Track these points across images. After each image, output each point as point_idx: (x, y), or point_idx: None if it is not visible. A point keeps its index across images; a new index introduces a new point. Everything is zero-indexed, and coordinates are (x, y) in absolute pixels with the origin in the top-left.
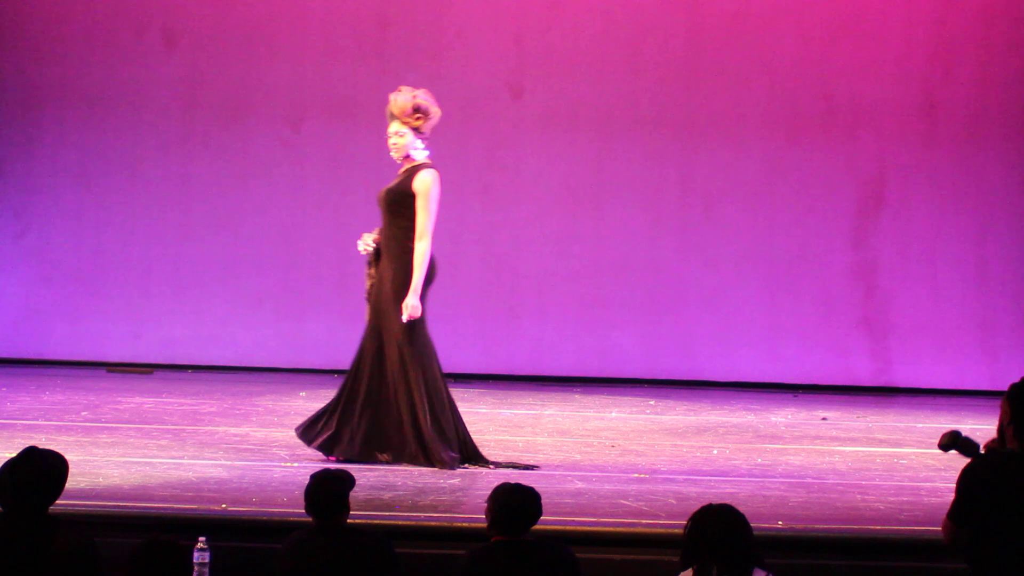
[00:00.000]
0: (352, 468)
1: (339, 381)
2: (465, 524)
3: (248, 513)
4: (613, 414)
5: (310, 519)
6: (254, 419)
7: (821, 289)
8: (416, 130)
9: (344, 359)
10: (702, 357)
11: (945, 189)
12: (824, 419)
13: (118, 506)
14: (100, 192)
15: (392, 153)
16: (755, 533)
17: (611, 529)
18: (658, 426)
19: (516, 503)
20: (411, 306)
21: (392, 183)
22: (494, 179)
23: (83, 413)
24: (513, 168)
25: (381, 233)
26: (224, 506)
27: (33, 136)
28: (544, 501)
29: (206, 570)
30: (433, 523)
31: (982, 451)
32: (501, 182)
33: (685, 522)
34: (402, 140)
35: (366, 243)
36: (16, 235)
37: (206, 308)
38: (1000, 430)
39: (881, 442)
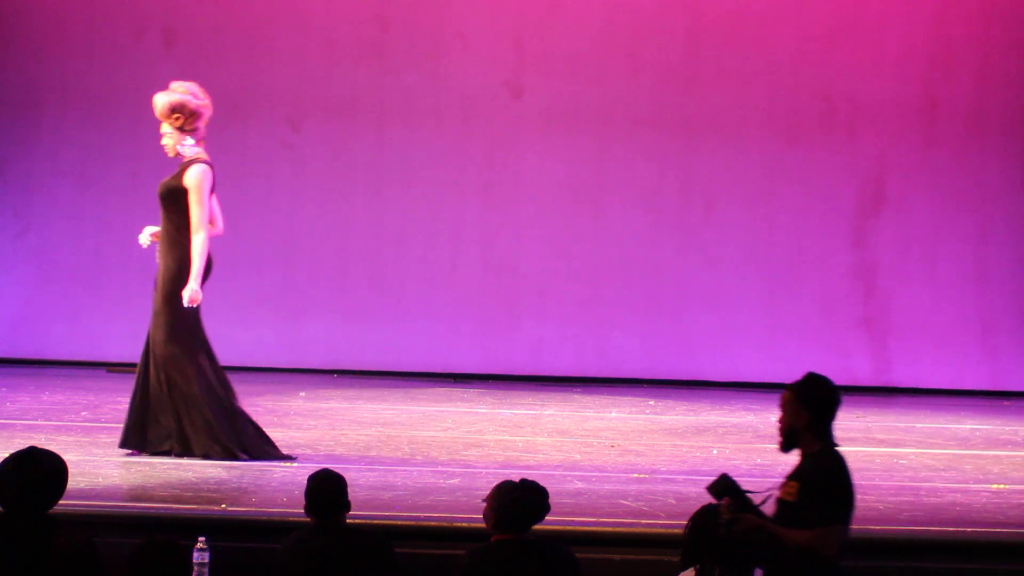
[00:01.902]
0: (352, 468)
1: (338, 381)
2: (465, 524)
3: (248, 513)
4: (613, 414)
5: (309, 519)
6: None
7: (821, 289)
8: (180, 129)
9: (344, 359)
10: (702, 357)
11: (945, 189)
12: None
13: (118, 506)
14: (100, 192)
15: (167, 152)
16: None
17: (611, 529)
18: (658, 426)
19: (522, 498)
20: (192, 290)
21: (167, 177)
22: (494, 179)
23: (83, 413)
24: (513, 168)
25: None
26: (224, 506)
27: (33, 136)
28: None
29: (206, 570)
30: (433, 523)
31: (751, 496)
32: (501, 182)
33: (685, 522)
34: (170, 140)
35: (147, 236)
36: (16, 235)
37: (205, 308)
38: (787, 432)
39: (881, 442)
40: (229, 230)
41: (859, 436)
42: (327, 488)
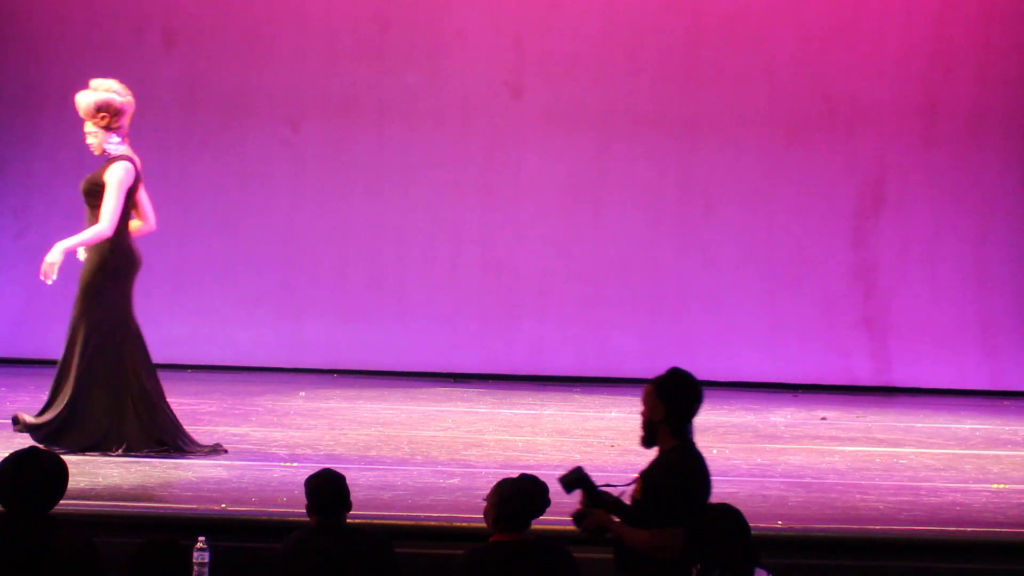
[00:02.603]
0: (352, 468)
1: (338, 381)
2: (465, 524)
3: (248, 513)
4: (613, 414)
5: (310, 519)
6: (253, 419)
7: (821, 289)
8: (106, 127)
9: (344, 359)
10: (702, 357)
11: (945, 189)
12: (824, 419)
13: (118, 506)
14: None
15: (92, 150)
16: (755, 533)
17: None
18: None
19: (523, 490)
20: (53, 262)
21: (90, 173)
22: (494, 179)
23: None
24: (513, 168)
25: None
26: (224, 506)
27: (33, 136)
28: None
29: (206, 570)
30: (433, 523)
31: (604, 489)
32: (501, 182)
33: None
34: (95, 139)
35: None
36: (16, 235)
37: (205, 308)
38: (646, 426)
39: (880, 442)
40: (229, 230)
41: (859, 436)
42: (329, 488)
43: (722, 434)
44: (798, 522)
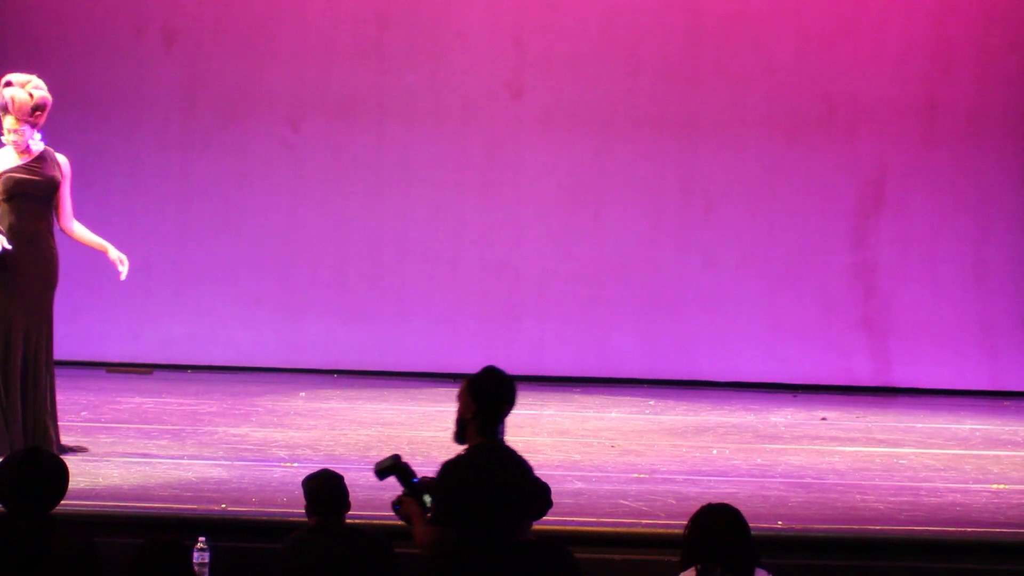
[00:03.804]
0: (352, 468)
1: (338, 381)
2: None
3: (248, 513)
4: (613, 414)
5: (309, 520)
6: (253, 419)
7: (821, 289)
8: (35, 125)
9: (344, 359)
10: (702, 357)
11: (945, 189)
12: (824, 419)
13: (118, 506)
14: (100, 192)
15: (12, 148)
16: (755, 533)
17: (611, 529)
18: (658, 426)
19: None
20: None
21: (26, 175)
22: (494, 179)
23: (83, 413)
24: (513, 168)
25: (19, 222)
26: (224, 506)
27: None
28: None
29: (206, 570)
30: None
31: (426, 481)
32: (501, 182)
33: (685, 522)
34: (22, 137)
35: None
36: None
37: (205, 308)
38: (459, 423)
39: (880, 442)
40: (229, 230)
41: (859, 436)
42: (328, 488)
43: (722, 434)
44: (798, 522)
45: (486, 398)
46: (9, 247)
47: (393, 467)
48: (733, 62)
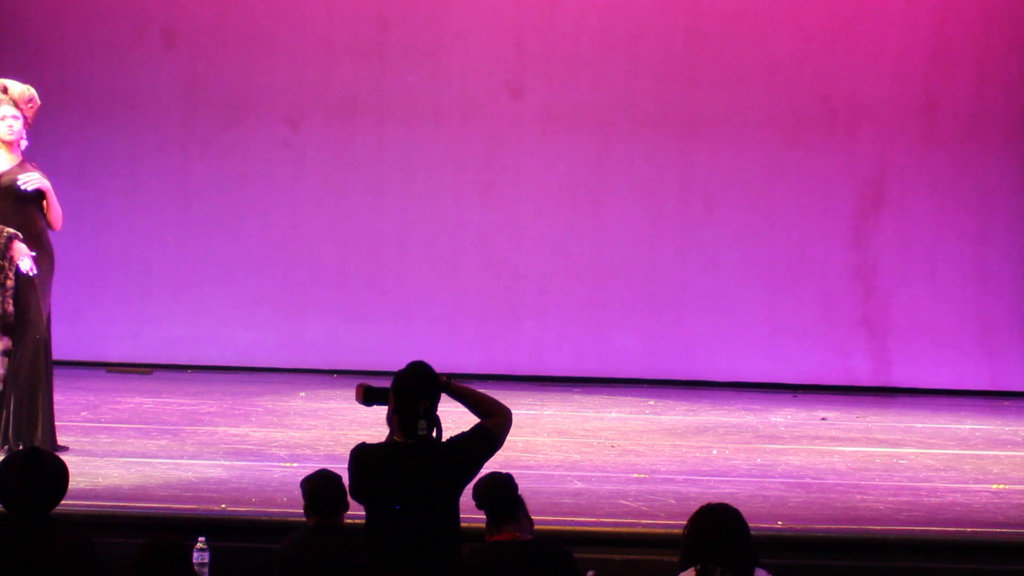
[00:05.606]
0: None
1: (338, 381)
2: (464, 524)
3: (247, 513)
4: (613, 414)
5: (308, 520)
6: (253, 419)
7: (821, 289)
8: (27, 118)
9: (344, 359)
10: (702, 357)
11: (945, 189)
12: (824, 419)
13: (118, 506)
14: (100, 192)
15: (6, 137)
16: (755, 533)
17: (611, 529)
18: (658, 426)
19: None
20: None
21: (29, 174)
22: (494, 179)
23: (83, 413)
24: (513, 168)
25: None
26: (223, 506)
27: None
28: (544, 501)
29: (206, 570)
30: None
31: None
32: (501, 182)
33: (685, 522)
34: (18, 123)
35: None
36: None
37: (206, 308)
38: (387, 418)
39: (880, 442)
40: (229, 230)
41: (859, 436)
42: (326, 488)
43: (722, 434)
44: (798, 522)
45: (401, 394)
46: (33, 253)
47: (372, 394)
48: (733, 62)
